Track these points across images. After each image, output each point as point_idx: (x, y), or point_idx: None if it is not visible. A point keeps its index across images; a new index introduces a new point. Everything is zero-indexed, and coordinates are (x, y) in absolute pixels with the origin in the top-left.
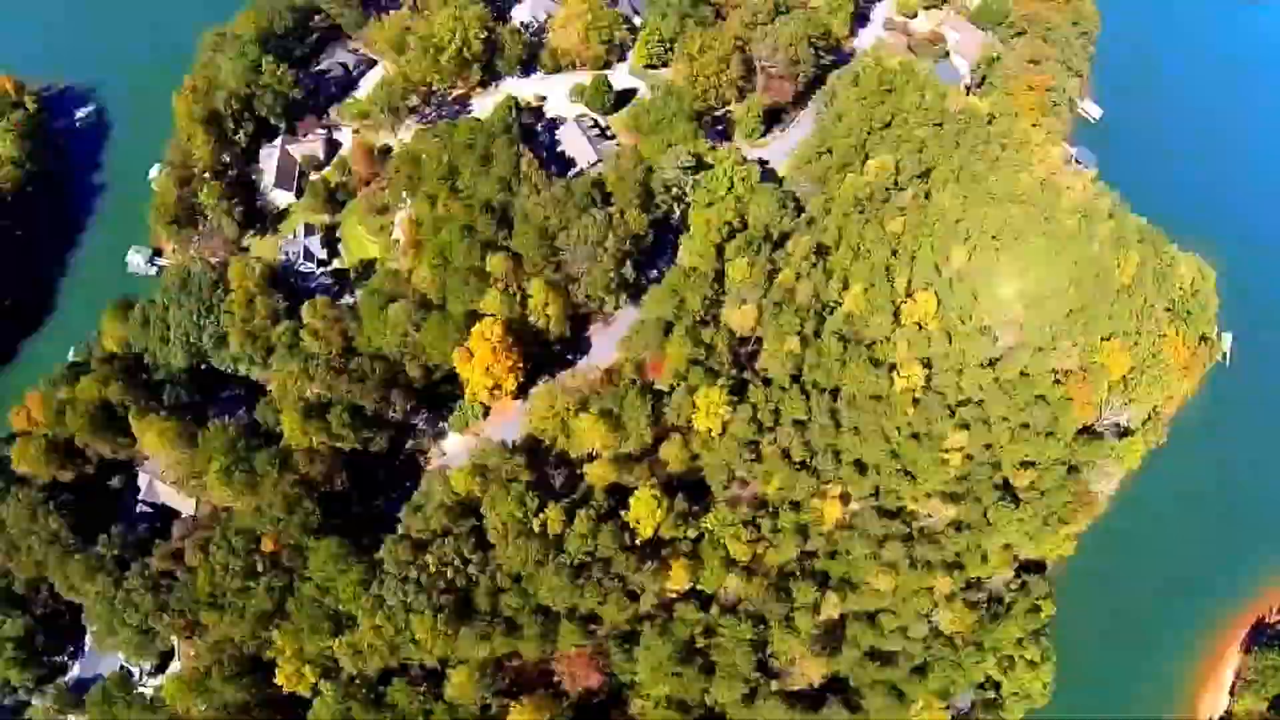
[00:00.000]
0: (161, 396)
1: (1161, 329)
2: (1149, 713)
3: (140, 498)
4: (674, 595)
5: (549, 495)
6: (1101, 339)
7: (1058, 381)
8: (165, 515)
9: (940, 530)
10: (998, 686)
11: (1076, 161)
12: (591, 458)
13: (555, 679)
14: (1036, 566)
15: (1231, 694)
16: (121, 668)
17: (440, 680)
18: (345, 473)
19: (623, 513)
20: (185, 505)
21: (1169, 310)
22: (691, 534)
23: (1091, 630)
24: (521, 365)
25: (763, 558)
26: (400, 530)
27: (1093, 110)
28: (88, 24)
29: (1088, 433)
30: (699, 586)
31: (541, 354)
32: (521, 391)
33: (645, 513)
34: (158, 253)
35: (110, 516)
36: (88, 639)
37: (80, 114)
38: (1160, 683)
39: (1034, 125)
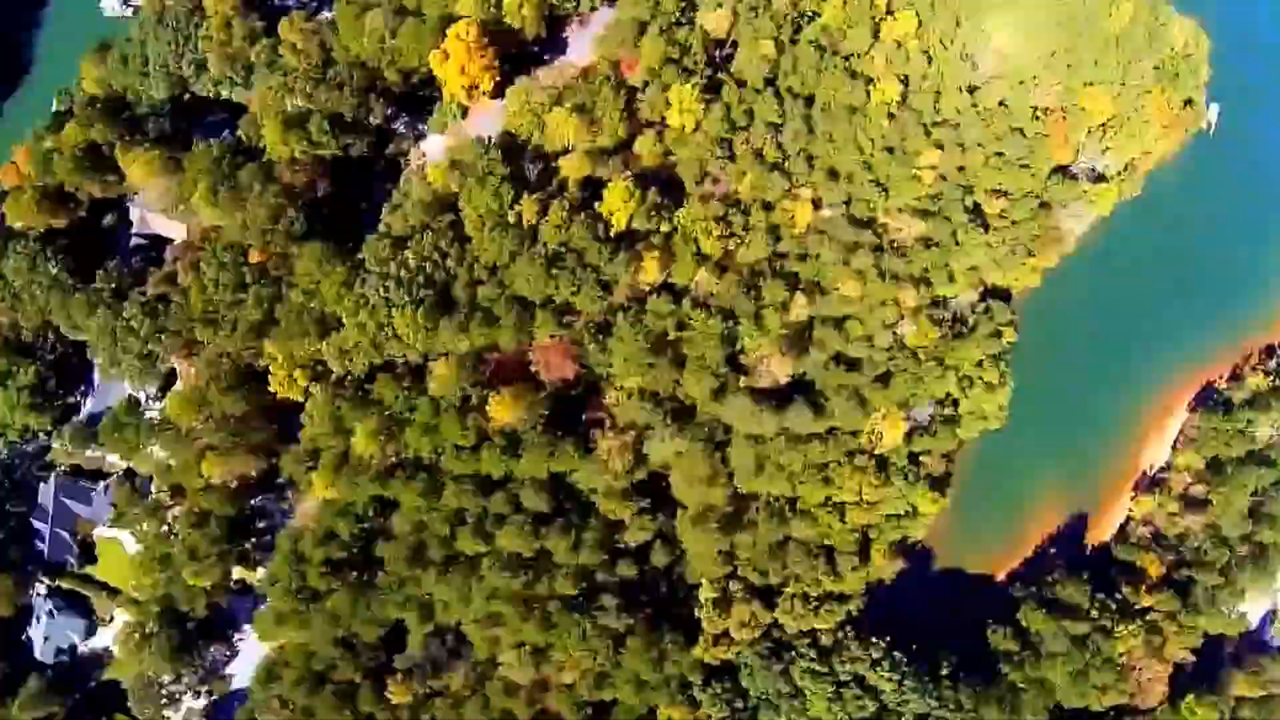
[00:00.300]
0: (146, 130)
1: (1147, 85)
2: (1094, 450)
3: (133, 232)
4: (647, 289)
5: (524, 188)
6: (1085, 84)
7: (1036, 118)
8: (159, 245)
9: (909, 245)
10: (956, 405)
11: None
12: (567, 152)
13: (533, 370)
14: (1003, 295)
15: (1174, 449)
16: (129, 397)
17: (424, 376)
18: (328, 180)
19: (596, 205)
20: (177, 232)
21: (1157, 69)
22: (665, 228)
23: (1050, 364)
24: (497, 65)
25: (734, 255)
26: (381, 230)
27: None
28: None
29: (1063, 173)
30: (671, 280)
31: (518, 55)
32: (499, 92)
33: (619, 203)
34: None
35: (106, 255)
36: (95, 375)
37: None
38: (1108, 425)
39: None
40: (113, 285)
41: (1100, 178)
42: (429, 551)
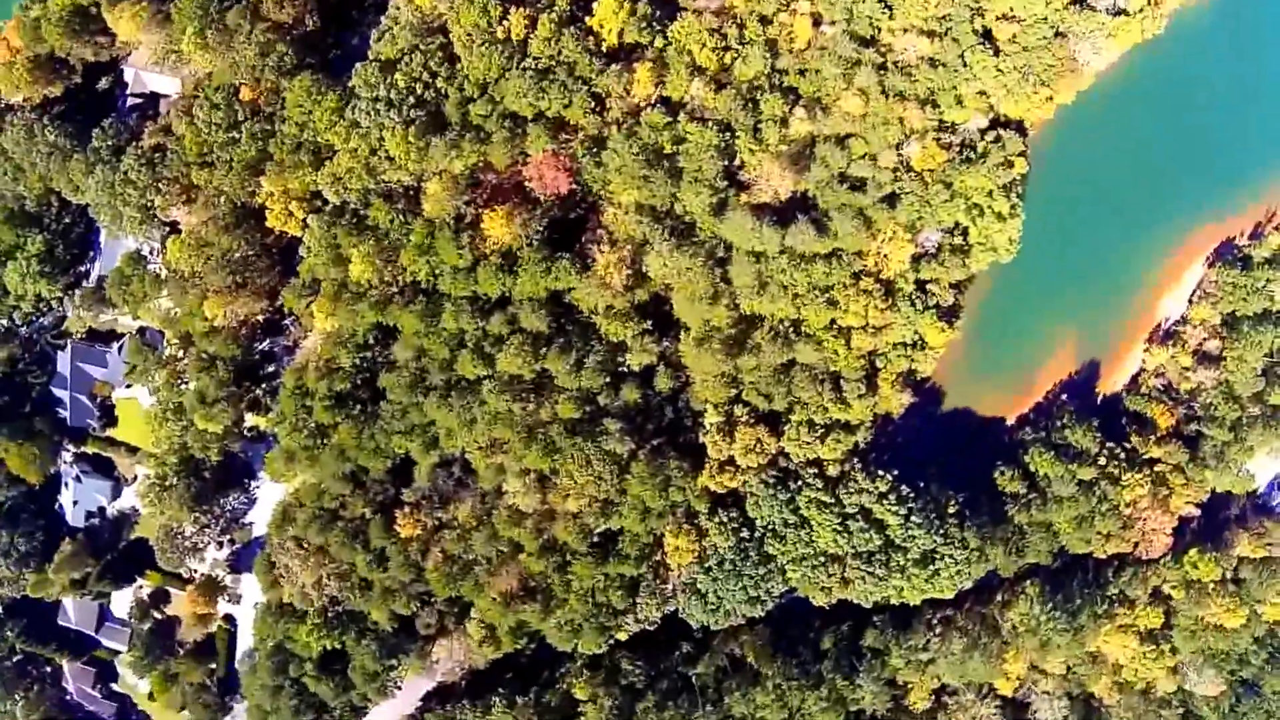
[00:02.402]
0: None
1: None
2: (1109, 297)
3: (128, 93)
4: (641, 103)
5: (514, 4)
6: None
7: None
8: (154, 103)
9: (914, 64)
10: (965, 234)
11: None
12: None
13: (528, 187)
14: (1015, 126)
15: (1190, 302)
16: (134, 251)
17: (419, 199)
18: (316, 14)
19: (587, 19)
20: (171, 86)
21: None
22: (659, 44)
23: (1066, 206)
24: None
25: (731, 69)
26: (371, 57)
27: None
28: None
29: (1081, 4)
30: (666, 94)
31: None
32: None
33: (609, 15)
34: None
35: (103, 118)
36: (101, 238)
37: None
38: (1124, 272)
39: None
40: (110, 143)
41: (1121, 11)
42: (430, 378)
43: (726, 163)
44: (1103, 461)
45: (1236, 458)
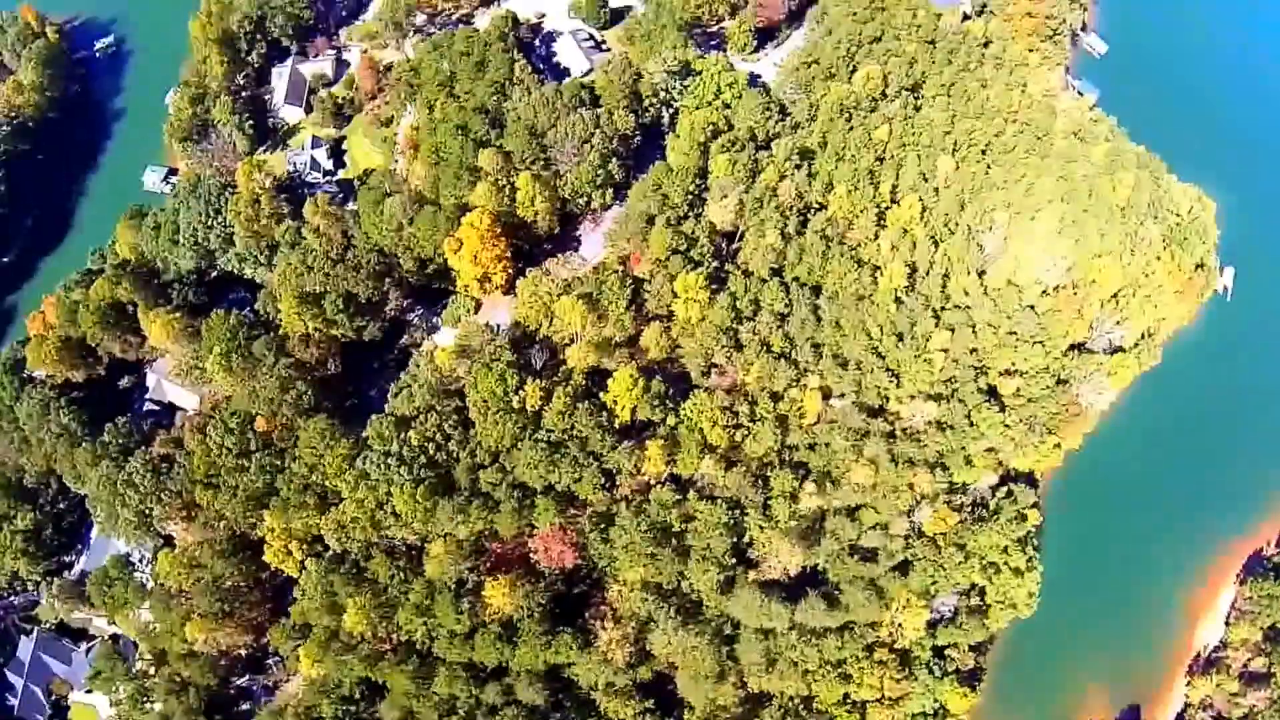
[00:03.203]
0: (170, 297)
1: (1155, 251)
2: (1139, 634)
3: (148, 396)
4: (651, 481)
5: (530, 376)
6: (1093, 256)
7: (1046, 294)
8: (170, 414)
9: (922, 429)
10: (982, 594)
11: (1077, 93)
12: (574, 343)
13: (532, 558)
14: (1025, 476)
15: (1227, 624)
16: (123, 554)
17: (421, 558)
18: (339, 359)
19: (601, 395)
20: (189, 401)
21: (1164, 235)
22: (671, 421)
23: (1082, 546)
24: (509, 258)
25: (741, 446)
26: (387, 411)
27: (1098, 45)
28: None
29: (1078, 348)
30: (676, 471)
31: (532, 252)
32: (511, 288)
33: (623, 392)
34: (172, 171)
35: (118, 414)
36: (93, 534)
37: (100, 44)
38: (1153, 606)
39: (1031, 50)
40: (120, 441)
41: (1118, 349)
42: None
43: (735, 540)
44: None
45: None
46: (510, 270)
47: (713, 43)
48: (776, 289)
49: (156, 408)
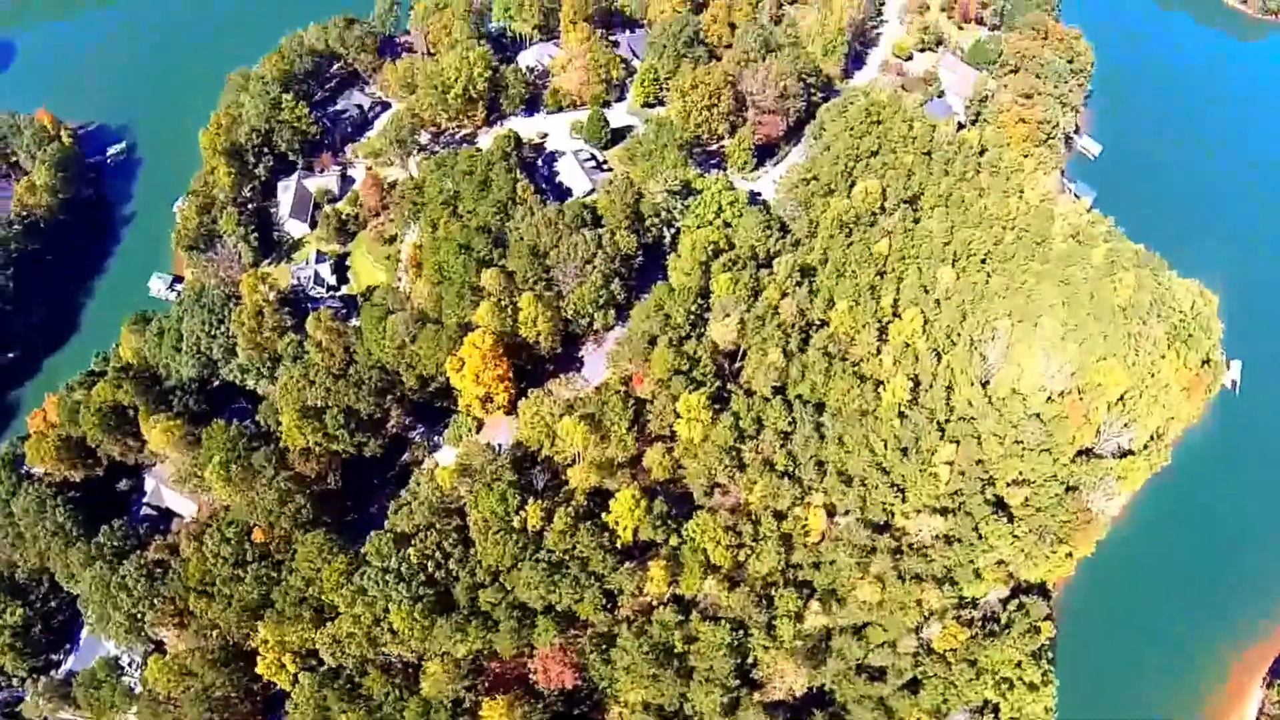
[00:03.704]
0: (170, 404)
1: (1160, 350)
2: None
3: (145, 500)
4: (653, 602)
5: (532, 496)
6: (1098, 359)
7: (1052, 400)
8: (167, 520)
9: (929, 544)
10: (996, 711)
11: (1074, 195)
12: (576, 463)
13: (531, 678)
14: (1039, 591)
15: None
16: (112, 657)
17: (417, 676)
18: (339, 474)
19: (603, 515)
20: (187, 508)
21: (1168, 333)
22: (673, 541)
23: (1100, 657)
24: (512, 378)
25: (745, 566)
26: (387, 528)
27: (1091, 147)
28: (124, 68)
29: (1087, 453)
30: (679, 592)
31: (535, 372)
32: (513, 408)
33: (625, 513)
34: (178, 279)
35: (115, 516)
36: (83, 634)
37: (112, 150)
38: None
39: (1025, 156)
40: (115, 544)
41: (1127, 452)
42: None
43: (739, 661)
44: None
45: None
46: (512, 390)
47: (713, 161)
48: (779, 407)
49: (154, 512)
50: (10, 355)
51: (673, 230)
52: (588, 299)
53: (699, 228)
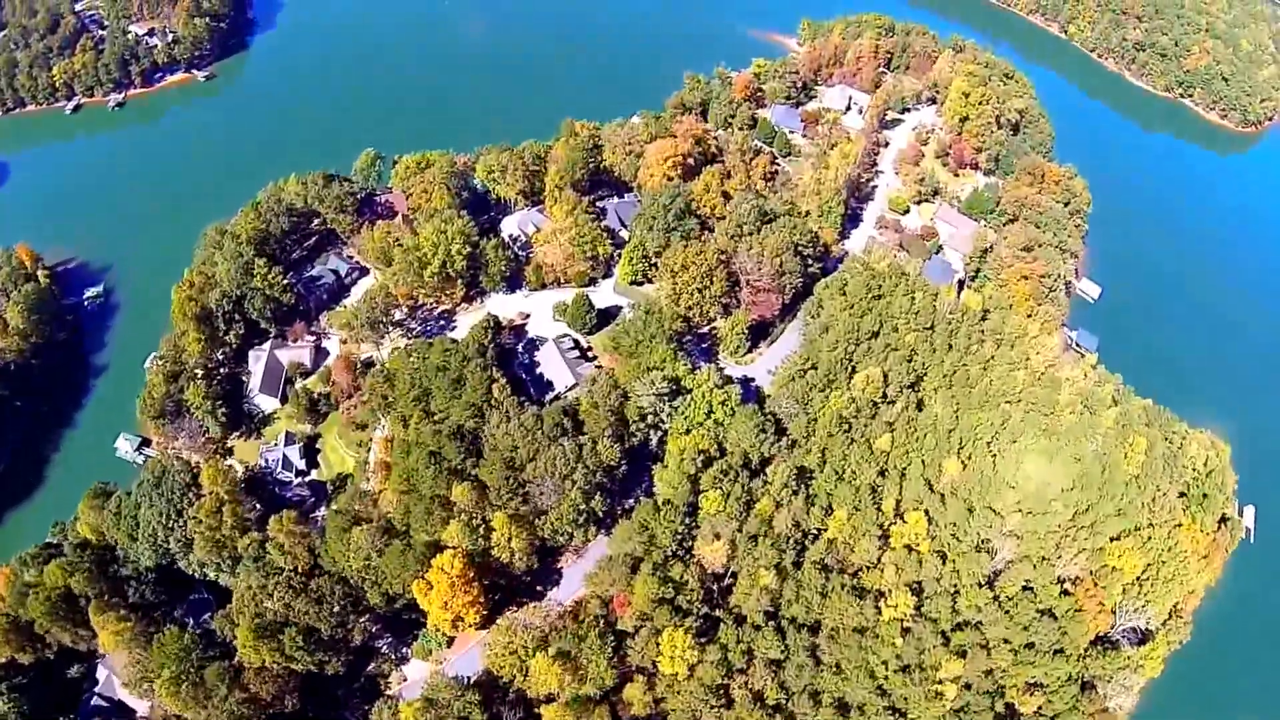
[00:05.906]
0: (125, 593)
1: (1176, 517)
2: None
3: (96, 691)
4: None
5: None
6: (1111, 539)
7: (1065, 592)
8: (120, 712)
9: None
10: None
11: (1077, 345)
12: (550, 699)
13: None
14: None
15: None
16: None
17: None
18: (298, 695)
19: None
20: (140, 706)
21: (1183, 495)
22: None
23: None
24: (484, 599)
25: None
26: None
27: (1091, 290)
28: (108, 202)
29: (1102, 642)
30: None
31: (509, 584)
32: (487, 622)
33: None
34: (146, 442)
35: (65, 707)
36: None
37: (89, 293)
38: None
39: (1029, 315)
40: None
41: (1144, 636)
42: None
43: None
44: None
45: None
46: (485, 609)
47: (703, 345)
48: (771, 636)
49: (105, 704)
50: None
51: (659, 433)
52: (566, 518)
53: (687, 431)
